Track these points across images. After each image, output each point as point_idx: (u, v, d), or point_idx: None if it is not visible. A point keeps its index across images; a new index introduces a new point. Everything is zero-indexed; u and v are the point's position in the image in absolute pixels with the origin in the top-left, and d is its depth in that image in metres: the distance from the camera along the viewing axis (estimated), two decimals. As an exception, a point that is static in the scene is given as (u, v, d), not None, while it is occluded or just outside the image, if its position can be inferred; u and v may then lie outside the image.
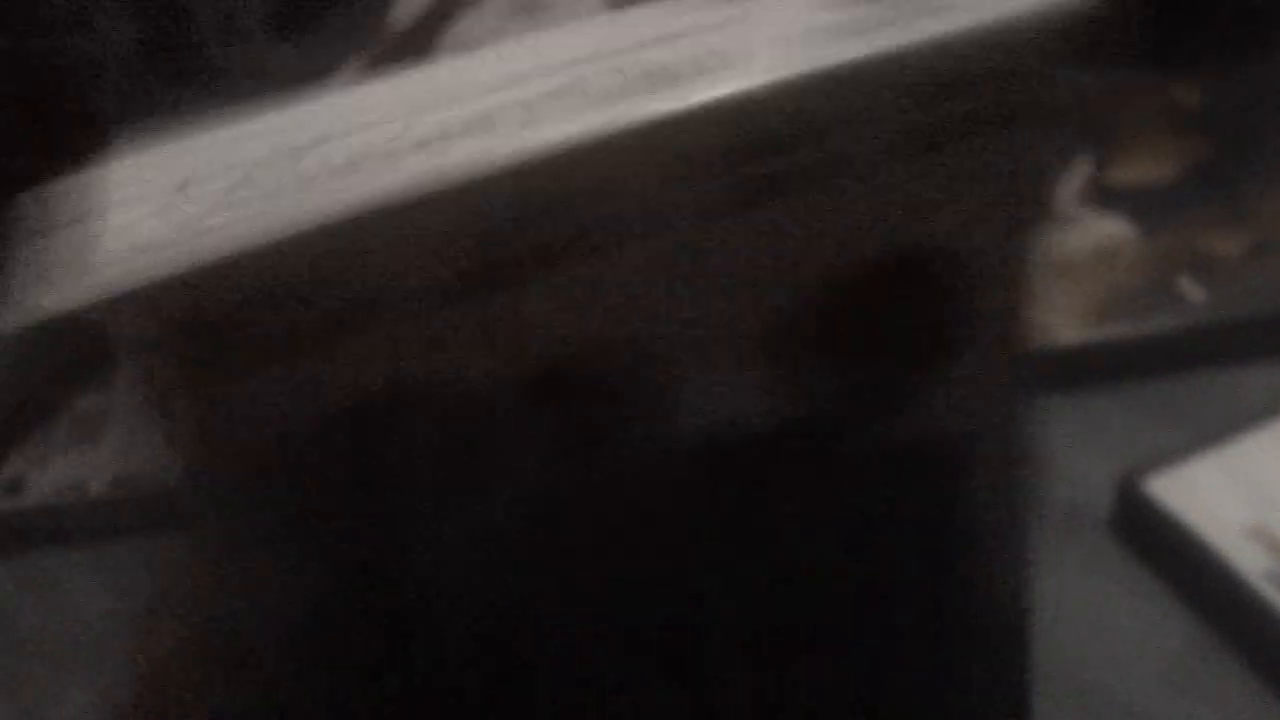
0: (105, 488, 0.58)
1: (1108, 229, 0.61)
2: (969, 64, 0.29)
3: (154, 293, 0.27)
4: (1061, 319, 0.57)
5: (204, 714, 0.46)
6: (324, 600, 0.33)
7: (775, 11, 0.29)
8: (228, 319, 0.28)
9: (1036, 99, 0.30)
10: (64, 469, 0.60)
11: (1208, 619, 0.47)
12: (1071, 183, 0.63)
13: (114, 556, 0.58)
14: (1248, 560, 0.46)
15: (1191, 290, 0.57)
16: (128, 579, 0.57)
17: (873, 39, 0.28)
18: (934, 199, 0.31)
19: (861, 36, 0.28)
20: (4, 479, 0.60)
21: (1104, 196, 0.62)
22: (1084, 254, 0.59)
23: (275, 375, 0.29)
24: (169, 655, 0.51)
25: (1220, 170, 0.62)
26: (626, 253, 0.29)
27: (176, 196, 0.28)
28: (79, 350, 0.64)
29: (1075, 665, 0.46)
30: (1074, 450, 0.54)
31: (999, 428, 0.37)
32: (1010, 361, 0.36)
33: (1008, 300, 0.35)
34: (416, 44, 0.56)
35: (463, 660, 0.36)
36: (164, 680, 0.50)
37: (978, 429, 0.37)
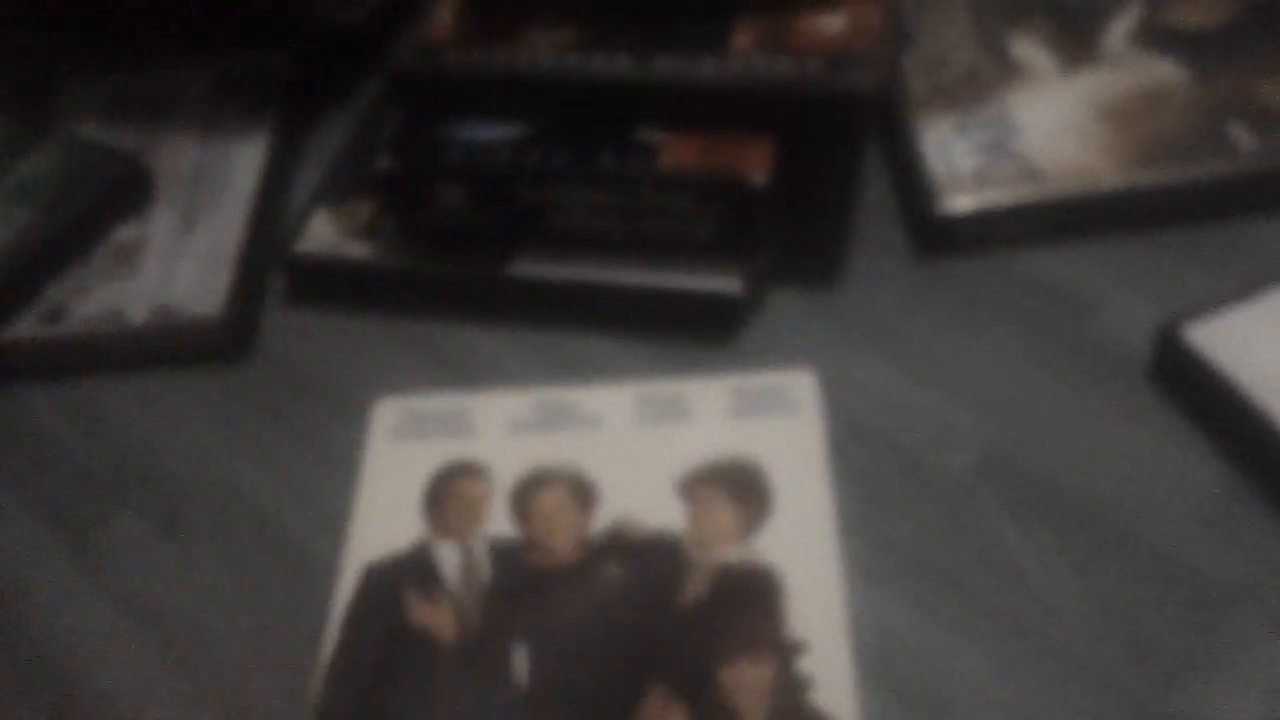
0: (144, 317, 0.59)
1: (1158, 72, 0.59)
2: None
3: None
4: (1107, 162, 0.56)
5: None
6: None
7: None
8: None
9: None
10: (103, 298, 0.60)
11: (1242, 466, 0.47)
12: (1123, 23, 0.62)
13: (153, 385, 0.58)
14: (1285, 408, 0.46)
15: (1241, 137, 0.56)
16: (166, 406, 0.57)
17: None
18: None
19: None
20: (45, 307, 0.60)
21: (1156, 38, 0.61)
22: (1133, 97, 0.58)
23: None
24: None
25: (1275, 17, 0.60)
26: None
27: None
28: (118, 182, 0.64)
29: (1110, 509, 0.47)
30: (1115, 296, 0.54)
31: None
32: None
33: None
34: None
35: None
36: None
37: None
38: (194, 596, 0.50)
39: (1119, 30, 0.62)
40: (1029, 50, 0.62)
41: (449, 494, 0.51)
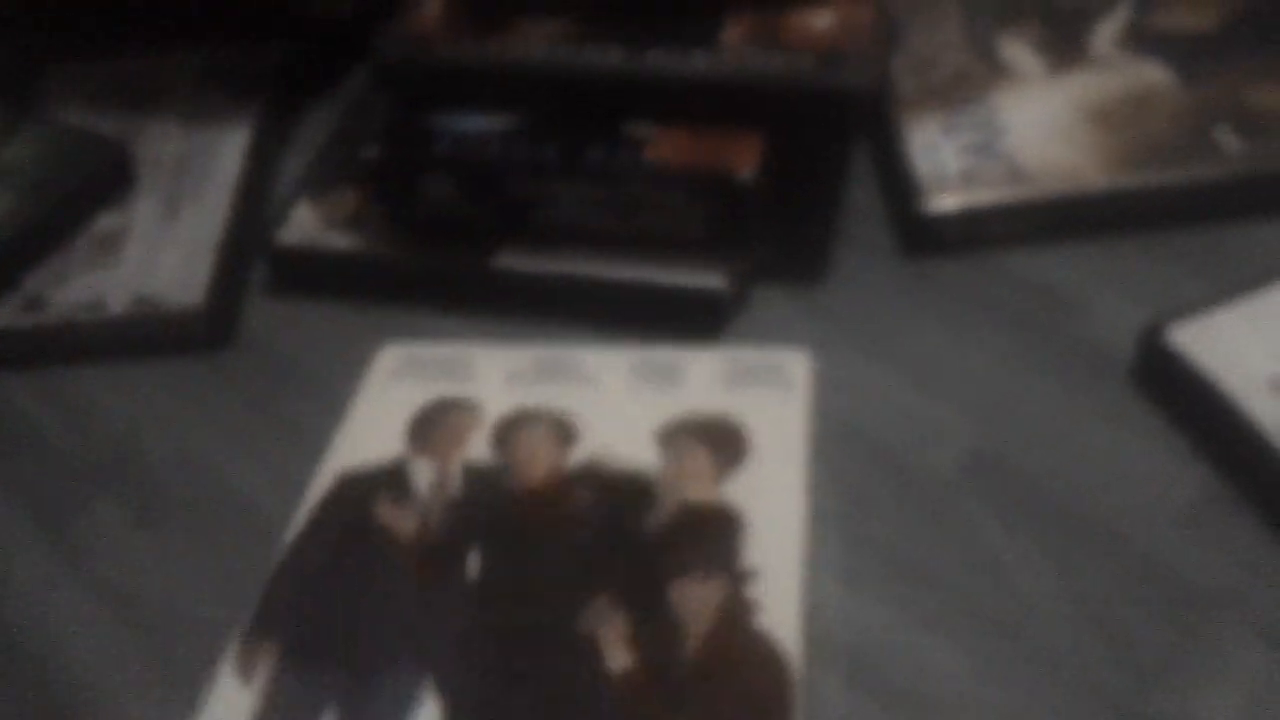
0: (124, 306, 0.58)
1: (1146, 75, 0.59)
2: None
3: None
4: (1094, 164, 0.56)
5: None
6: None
7: None
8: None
9: None
10: (84, 287, 0.59)
11: (1224, 469, 0.47)
12: (1111, 26, 0.62)
13: (134, 374, 0.58)
14: (1268, 412, 0.46)
15: (1228, 141, 0.56)
16: (146, 396, 0.57)
17: None
18: None
19: None
20: (24, 295, 0.59)
21: (1144, 42, 0.61)
22: (1120, 99, 0.58)
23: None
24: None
25: (1265, 22, 0.60)
26: None
27: None
28: (100, 169, 0.64)
29: (1093, 510, 0.47)
30: (1100, 297, 0.54)
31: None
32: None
33: None
34: None
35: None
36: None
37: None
38: (172, 585, 0.49)
39: (1107, 33, 0.62)
40: (1018, 52, 0.62)
41: (437, 420, 0.52)
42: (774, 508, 0.46)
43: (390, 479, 0.49)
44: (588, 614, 0.43)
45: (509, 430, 0.51)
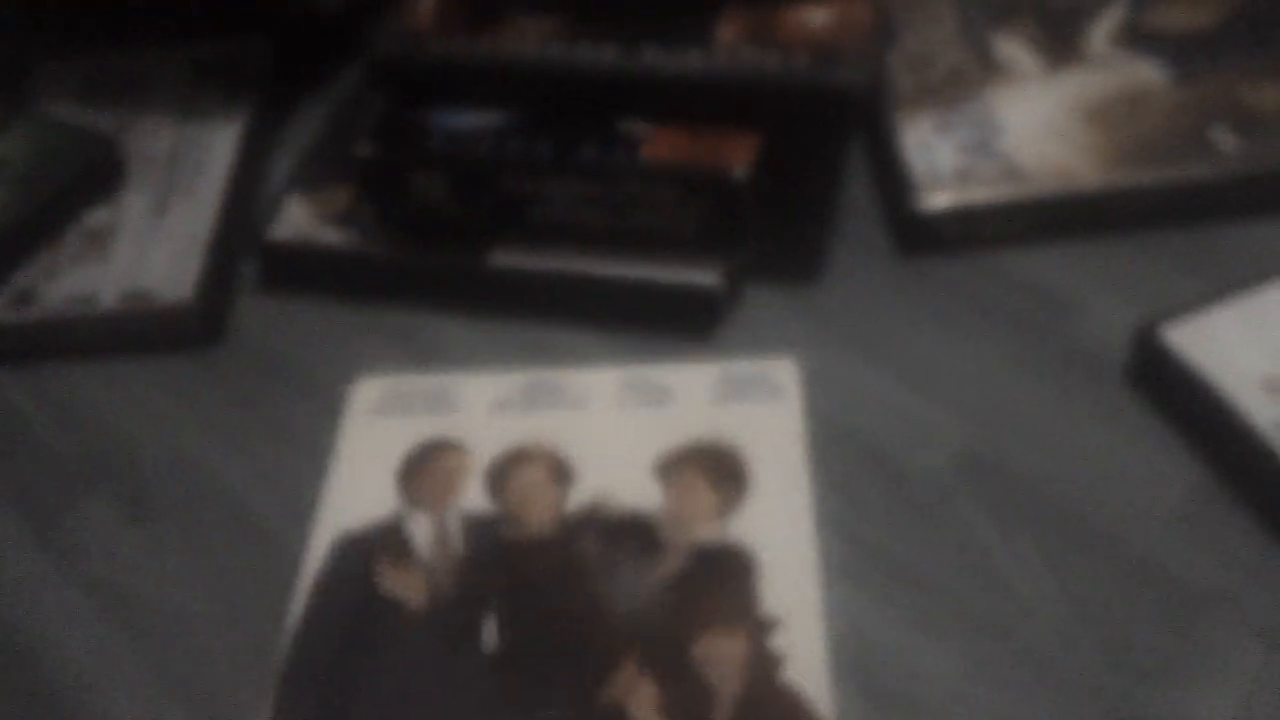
0: (115, 301, 0.58)
1: (1141, 74, 0.59)
2: None
3: None
4: (1089, 163, 0.56)
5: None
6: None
7: None
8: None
9: None
10: (73, 282, 0.59)
11: (1218, 468, 0.47)
12: (1106, 25, 0.62)
13: (124, 370, 0.58)
14: (1262, 411, 0.46)
15: (1223, 140, 0.56)
16: (137, 392, 0.57)
17: None
18: None
19: None
20: (14, 290, 0.59)
21: (1139, 40, 0.61)
22: (1115, 98, 0.58)
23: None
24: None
25: (1261, 21, 0.60)
26: None
27: None
28: (91, 164, 0.63)
29: (1087, 510, 0.47)
30: (1094, 296, 0.54)
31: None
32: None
33: None
34: None
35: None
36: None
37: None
38: (163, 582, 0.49)
39: (1102, 32, 0.62)
40: (1013, 50, 0.62)
41: (426, 467, 0.50)
42: (784, 543, 0.46)
43: (388, 538, 0.48)
44: (615, 683, 0.42)
45: (503, 474, 0.50)
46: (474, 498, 0.49)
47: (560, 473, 0.49)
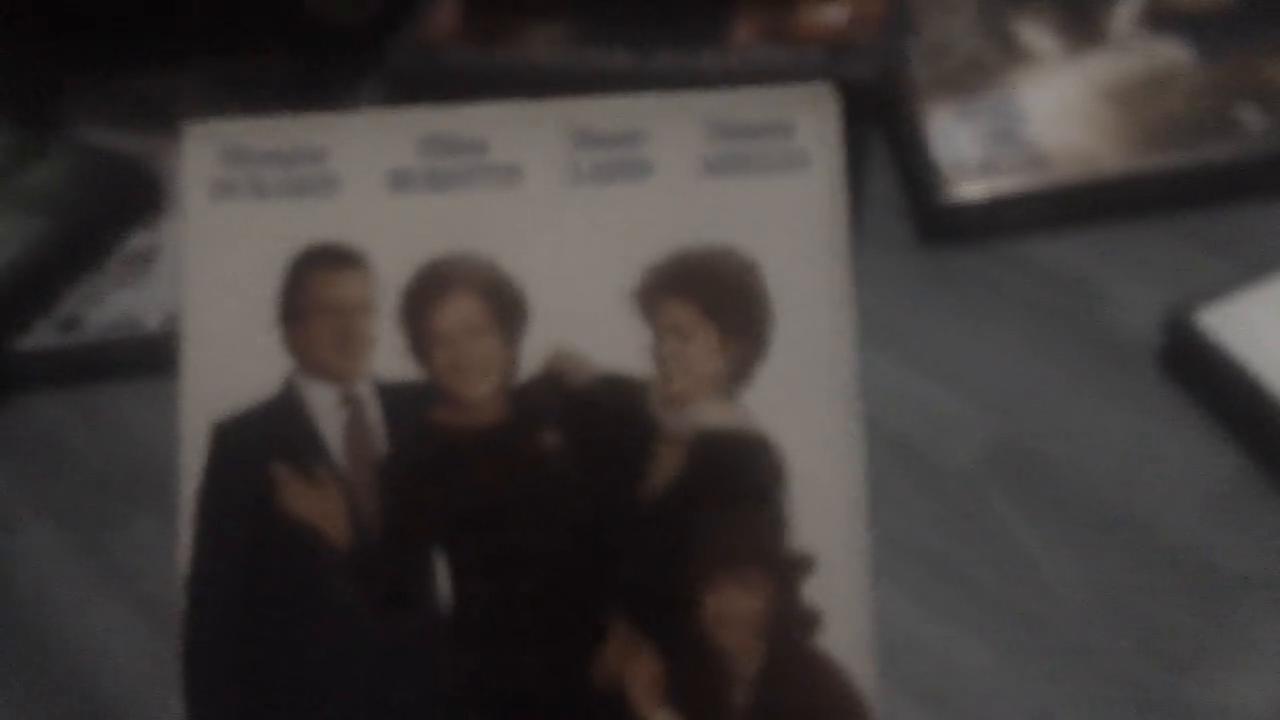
0: (158, 323, 0.59)
1: (1165, 54, 0.59)
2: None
3: None
4: (1114, 147, 0.55)
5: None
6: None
7: None
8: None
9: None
10: (116, 306, 0.60)
11: (1254, 452, 0.47)
12: (1128, 6, 0.61)
13: (168, 390, 0.59)
14: (1297, 393, 0.46)
15: (1250, 118, 0.55)
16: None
17: None
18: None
19: None
20: (60, 316, 0.60)
21: (1162, 21, 0.60)
22: (1139, 80, 0.58)
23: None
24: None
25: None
26: None
27: None
28: (129, 190, 0.64)
29: (1120, 498, 0.47)
30: (1124, 282, 0.53)
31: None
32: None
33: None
34: None
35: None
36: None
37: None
38: (208, 600, 0.50)
39: (1125, 13, 0.61)
40: (1034, 35, 0.61)
41: (311, 298, 0.36)
42: (822, 432, 0.33)
43: (283, 426, 0.35)
44: (605, 650, 0.33)
45: (422, 308, 0.35)
46: (388, 355, 0.35)
47: (500, 307, 0.35)
